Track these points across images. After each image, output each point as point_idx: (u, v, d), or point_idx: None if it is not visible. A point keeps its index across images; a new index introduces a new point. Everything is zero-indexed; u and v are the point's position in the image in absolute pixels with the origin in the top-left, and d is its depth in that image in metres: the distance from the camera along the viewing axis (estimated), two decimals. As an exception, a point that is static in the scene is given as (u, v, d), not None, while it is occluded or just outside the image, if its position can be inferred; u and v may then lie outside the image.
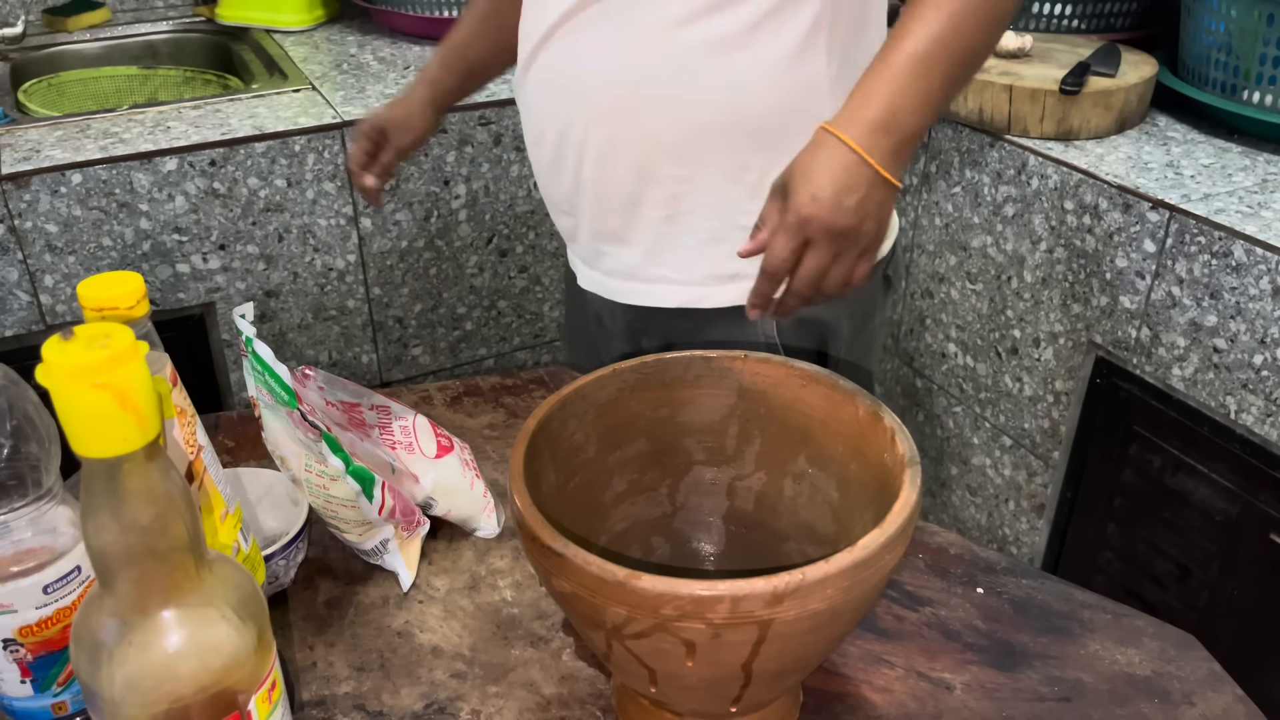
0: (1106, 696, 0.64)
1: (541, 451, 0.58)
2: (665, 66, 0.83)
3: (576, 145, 0.88)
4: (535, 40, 0.88)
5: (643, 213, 0.90)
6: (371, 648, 0.68)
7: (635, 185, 0.88)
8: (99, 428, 0.39)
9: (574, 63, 0.86)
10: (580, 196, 0.92)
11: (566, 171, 0.91)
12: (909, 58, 0.73)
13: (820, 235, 0.72)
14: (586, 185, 0.90)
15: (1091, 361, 1.35)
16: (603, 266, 0.96)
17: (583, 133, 0.87)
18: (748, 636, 0.48)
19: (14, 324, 1.35)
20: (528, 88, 0.92)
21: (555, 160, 0.92)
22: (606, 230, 0.93)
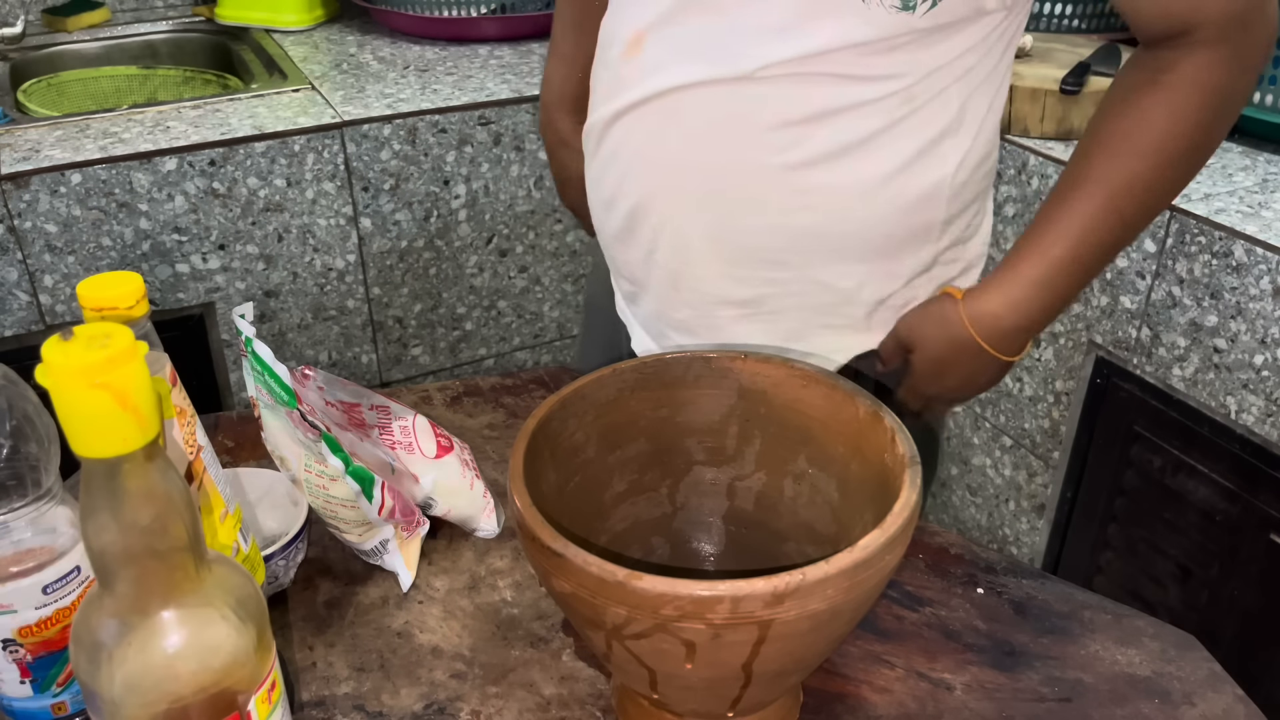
0: (1106, 696, 0.64)
1: (541, 451, 0.58)
2: (768, 168, 0.74)
3: (653, 228, 0.80)
4: (626, 100, 0.77)
5: (719, 311, 0.82)
6: (371, 648, 0.68)
7: (716, 285, 0.80)
8: (99, 428, 0.39)
9: (666, 142, 0.76)
10: (650, 276, 0.84)
11: (638, 248, 0.83)
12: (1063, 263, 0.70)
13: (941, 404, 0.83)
14: (659, 268, 0.82)
15: (1091, 361, 1.35)
16: (664, 344, 0.88)
17: (661, 219, 0.79)
18: (748, 637, 0.48)
19: (14, 324, 1.35)
20: (605, 148, 0.82)
21: (627, 232, 0.83)
22: (676, 319, 0.85)
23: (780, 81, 0.70)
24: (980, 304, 0.73)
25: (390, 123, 1.46)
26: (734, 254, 0.79)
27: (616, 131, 0.80)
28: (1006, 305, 0.72)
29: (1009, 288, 0.72)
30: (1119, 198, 0.69)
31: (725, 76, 0.71)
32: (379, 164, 1.48)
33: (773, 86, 0.71)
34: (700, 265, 0.80)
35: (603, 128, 0.81)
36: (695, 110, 0.74)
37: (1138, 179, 0.69)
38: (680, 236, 0.79)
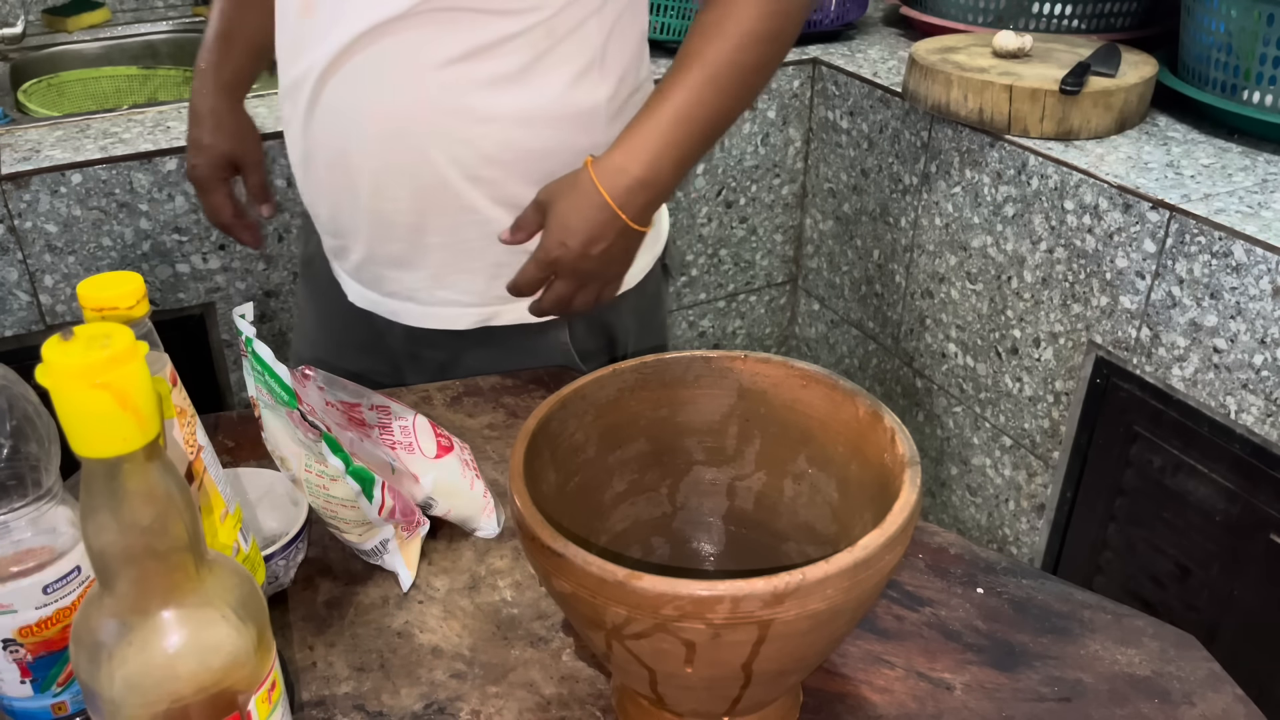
0: (1106, 696, 0.64)
1: (541, 451, 0.58)
2: (440, 104, 0.83)
3: (349, 175, 0.87)
4: (302, 73, 0.85)
5: (427, 240, 0.89)
6: (371, 648, 0.68)
7: (417, 216, 0.88)
8: (99, 428, 0.39)
9: (349, 98, 0.84)
10: (355, 222, 0.90)
11: (342, 198, 0.89)
12: (673, 121, 0.81)
13: (566, 273, 0.83)
14: (363, 214, 0.89)
15: (1091, 361, 1.35)
16: (383, 289, 0.95)
17: (359, 164, 0.86)
18: (748, 636, 0.48)
19: (14, 324, 1.35)
20: (299, 106, 0.88)
21: (330, 185, 0.90)
22: (388, 255, 0.91)
23: (436, 18, 0.79)
24: (606, 161, 0.81)
25: (390, 123, 1.46)
26: (426, 186, 0.86)
27: (307, 88, 0.85)
28: (628, 158, 0.80)
29: (630, 146, 0.81)
30: (714, 69, 0.80)
31: (389, 18, 0.79)
32: (379, 164, 1.48)
33: (431, 25, 0.80)
34: (401, 200, 0.87)
35: (293, 87, 0.87)
36: (374, 56, 0.82)
37: (728, 56, 0.80)
38: (375, 178, 0.86)
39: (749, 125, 1.78)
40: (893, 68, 1.72)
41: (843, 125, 1.75)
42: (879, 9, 2.09)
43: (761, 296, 1.98)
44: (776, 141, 1.82)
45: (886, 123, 1.64)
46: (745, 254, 1.91)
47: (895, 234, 1.67)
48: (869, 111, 1.67)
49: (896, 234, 1.67)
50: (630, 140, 0.81)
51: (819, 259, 1.91)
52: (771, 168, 1.84)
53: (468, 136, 0.84)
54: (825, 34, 1.86)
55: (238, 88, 1.04)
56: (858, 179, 1.74)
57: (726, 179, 1.80)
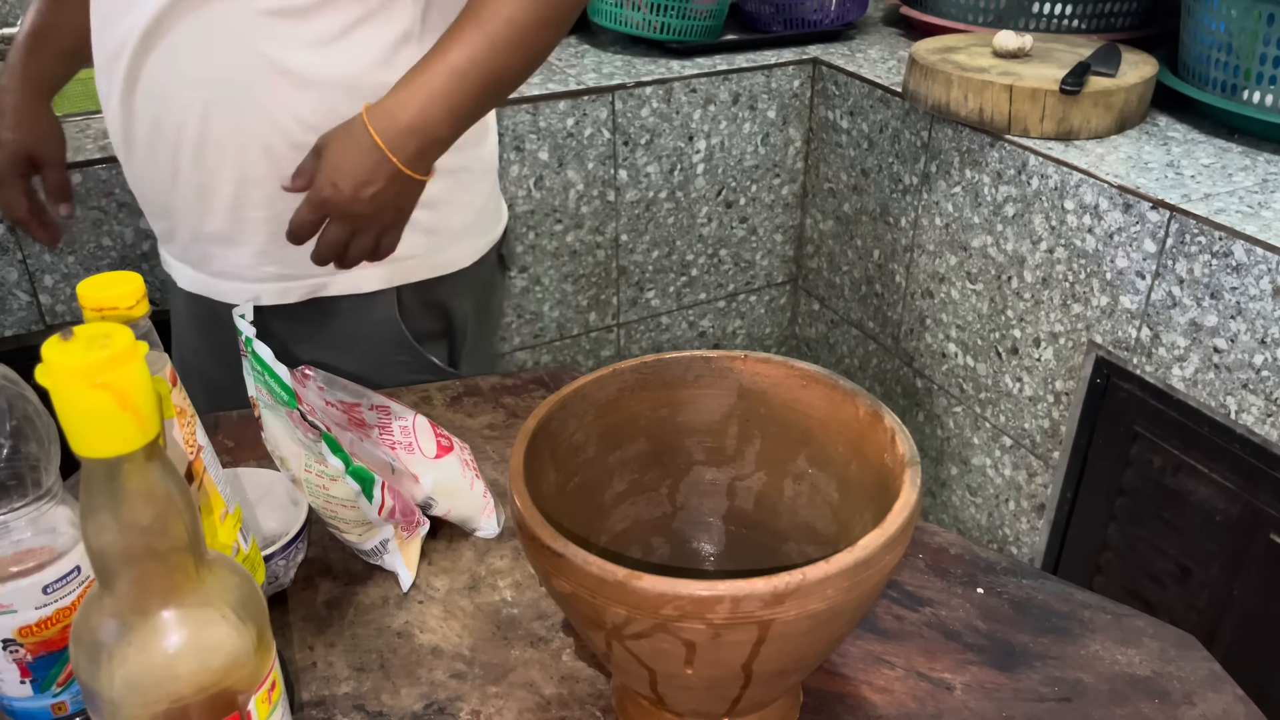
0: (1106, 696, 0.64)
1: (541, 451, 0.58)
2: (261, 68, 0.83)
3: (171, 148, 0.87)
4: (118, 45, 0.85)
5: (249, 214, 0.89)
6: (371, 648, 0.68)
7: (237, 188, 0.88)
8: (99, 428, 0.39)
9: (168, 68, 0.84)
10: (178, 198, 0.90)
11: (161, 174, 0.89)
12: (446, 72, 0.81)
13: (338, 216, 0.81)
14: (186, 188, 0.89)
15: (1091, 361, 1.35)
16: (210, 268, 0.94)
17: (176, 136, 0.86)
18: (748, 637, 0.48)
19: (14, 324, 1.35)
20: (115, 94, 0.88)
21: (149, 162, 0.90)
22: (212, 232, 0.91)
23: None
24: (379, 106, 0.81)
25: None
26: (244, 156, 0.86)
27: (124, 62, 0.85)
28: (400, 104, 0.81)
29: (403, 92, 0.81)
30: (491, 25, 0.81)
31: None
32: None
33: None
34: (221, 171, 0.87)
35: (108, 63, 0.87)
36: (192, 22, 0.82)
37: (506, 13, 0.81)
38: (194, 150, 0.86)
39: (749, 125, 1.78)
40: (893, 68, 1.72)
41: (843, 125, 1.75)
42: (879, 9, 2.09)
43: (761, 296, 1.98)
44: (776, 141, 1.82)
45: (886, 123, 1.64)
46: (745, 254, 1.91)
47: (895, 234, 1.67)
48: (869, 111, 1.67)
49: (896, 234, 1.67)
50: (404, 87, 0.81)
51: (819, 259, 1.91)
52: (771, 168, 1.84)
53: (289, 102, 0.85)
54: (825, 34, 1.86)
55: (45, 86, 1.03)
56: (858, 179, 1.74)
57: (726, 179, 1.81)
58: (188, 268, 0.97)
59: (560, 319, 1.78)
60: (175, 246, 0.96)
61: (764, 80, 1.75)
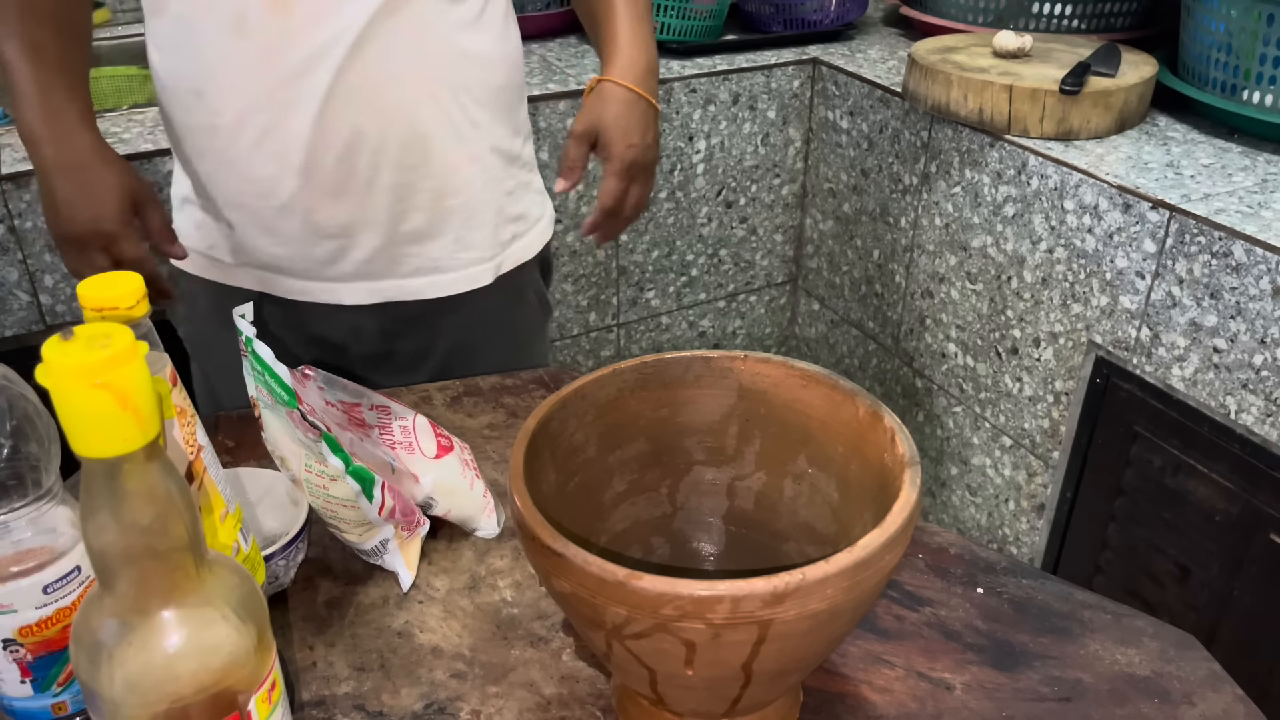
0: (1106, 696, 0.64)
1: (541, 451, 0.58)
2: (449, 60, 0.88)
3: (372, 154, 0.86)
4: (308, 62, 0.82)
5: (447, 203, 0.93)
6: (371, 648, 0.68)
7: (440, 180, 0.91)
8: (99, 428, 0.39)
9: (371, 75, 0.84)
10: (371, 207, 0.89)
11: (356, 185, 0.88)
12: (637, 17, 0.94)
13: (641, 172, 0.93)
14: (382, 193, 0.89)
15: (1091, 361, 1.35)
16: (400, 271, 0.94)
17: (379, 139, 0.86)
18: (748, 636, 0.48)
19: (14, 324, 1.35)
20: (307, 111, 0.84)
21: (339, 175, 0.87)
22: (410, 232, 0.92)
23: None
24: (615, 67, 0.93)
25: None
26: (447, 148, 0.91)
27: (321, 81, 0.83)
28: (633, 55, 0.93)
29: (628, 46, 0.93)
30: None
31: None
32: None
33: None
34: (427, 167, 0.90)
35: (292, 82, 0.83)
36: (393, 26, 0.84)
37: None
38: (404, 150, 0.88)
39: (749, 125, 1.78)
40: (893, 68, 1.72)
41: (843, 125, 1.75)
42: (879, 9, 2.09)
43: (761, 296, 1.98)
44: (776, 141, 1.82)
45: (886, 123, 1.64)
46: (745, 254, 1.91)
47: (895, 234, 1.67)
48: (869, 111, 1.67)
49: (896, 234, 1.67)
50: (626, 40, 0.92)
51: (819, 259, 1.91)
52: (771, 168, 1.84)
53: (467, 82, 0.90)
54: (825, 34, 1.86)
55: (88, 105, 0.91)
56: (858, 179, 1.74)
57: (726, 179, 1.81)
58: (364, 283, 0.94)
59: (560, 319, 1.78)
60: (345, 266, 0.92)
61: (764, 80, 1.75)
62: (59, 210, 0.84)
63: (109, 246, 0.86)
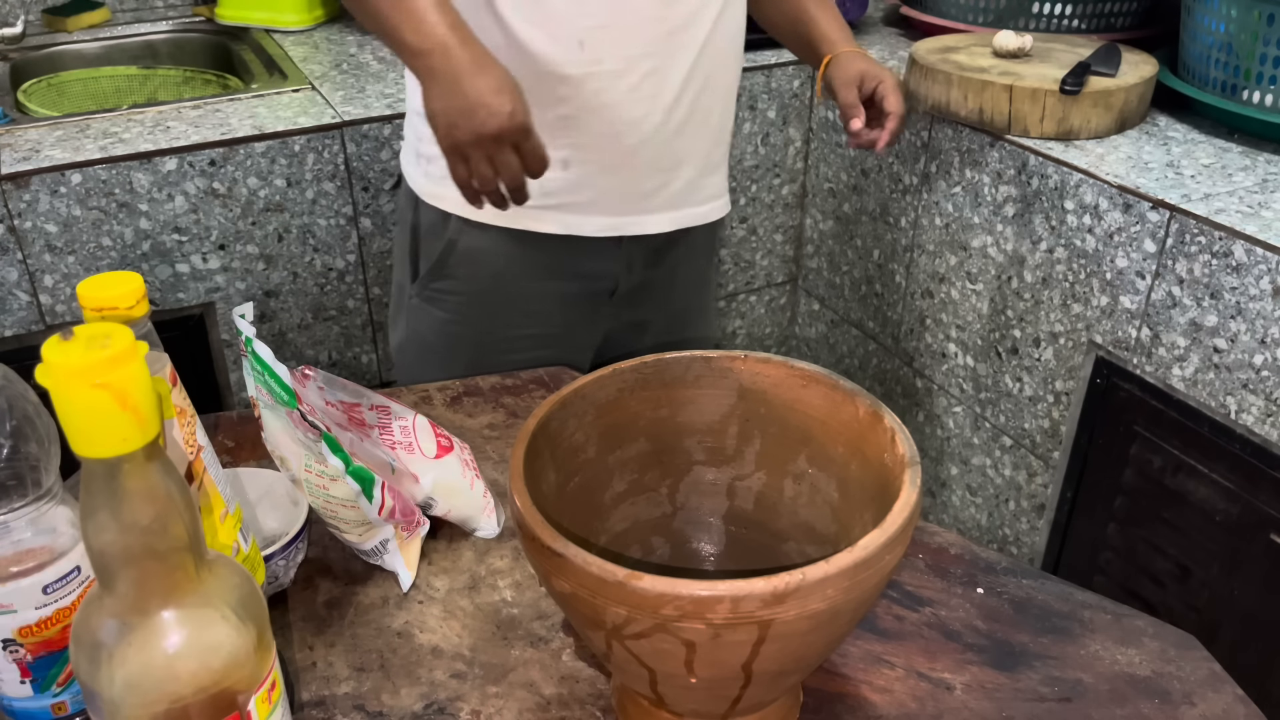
0: (1106, 696, 0.64)
1: (541, 451, 0.58)
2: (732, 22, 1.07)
3: (711, 96, 1.05)
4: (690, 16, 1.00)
5: (730, 139, 1.14)
6: (371, 648, 0.68)
7: (731, 119, 1.13)
8: (99, 428, 0.39)
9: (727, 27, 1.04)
10: (699, 142, 1.07)
11: (698, 126, 1.05)
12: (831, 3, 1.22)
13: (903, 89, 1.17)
14: (713, 131, 1.09)
15: (1091, 361, 1.35)
16: (696, 199, 1.11)
17: (717, 83, 1.06)
18: (748, 636, 0.48)
19: (14, 324, 1.35)
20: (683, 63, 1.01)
21: (694, 116, 1.04)
22: (712, 162, 1.11)
23: None
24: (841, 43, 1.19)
25: (390, 123, 1.46)
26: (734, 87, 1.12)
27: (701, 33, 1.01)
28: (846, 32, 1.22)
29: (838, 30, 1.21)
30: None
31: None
32: (379, 164, 1.48)
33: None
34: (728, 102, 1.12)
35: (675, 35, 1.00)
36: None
37: None
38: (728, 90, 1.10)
39: (749, 125, 1.78)
40: (893, 68, 1.72)
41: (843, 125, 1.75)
42: (879, 9, 2.09)
43: (761, 296, 1.98)
44: (776, 141, 1.82)
45: (886, 123, 1.64)
46: (745, 254, 1.91)
47: (895, 234, 1.67)
48: (869, 111, 1.67)
49: (896, 234, 1.67)
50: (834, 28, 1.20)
51: (819, 259, 1.91)
52: (771, 168, 1.84)
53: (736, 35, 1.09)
54: (825, 34, 1.86)
55: None
56: (858, 179, 1.74)
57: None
58: (670, 212, 1.09)
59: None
60: (662, 198, 1.07)
61: (764, 80, 1.75)
62: (472, 114, 0.85)
63: (522, 139, 0.87)
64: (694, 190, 1.10)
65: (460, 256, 1.08)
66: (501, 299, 1.10)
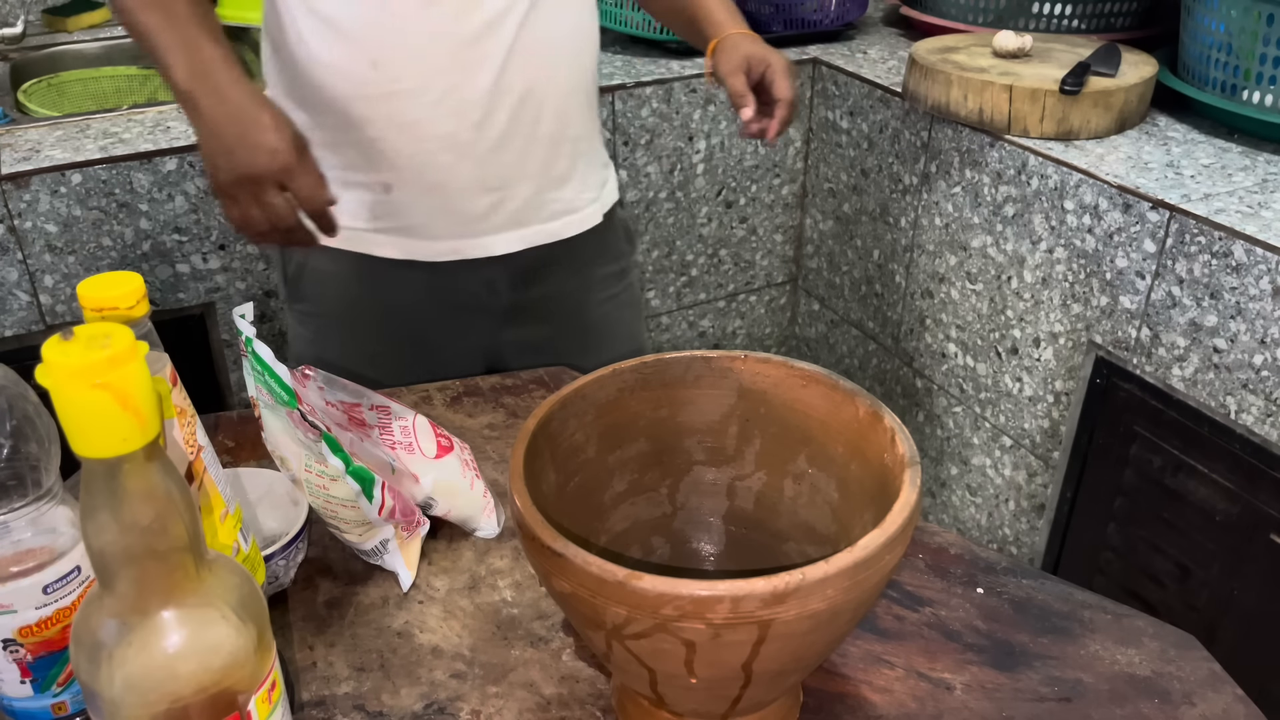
0: (1106, 696, 0.64)
1: (541, 451, 0.58)
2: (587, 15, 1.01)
3: (538, 105, 0.97)
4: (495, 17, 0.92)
5: (580, 146, 1.04)
6: (371, 648, 0.68)
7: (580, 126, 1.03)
8: (99, 428, 0.39)
9: (544, 29, 0.95)
10: (532, 156, 0.99)
11: (523, 135, 0.97)
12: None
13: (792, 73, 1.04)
14: (541, 143, 0.99)
15: (1091, 361, 1.35)
16: (543, 215, 1.03)
17: (545, 90, 0.97)
18: (748, 636, 0.48)
19: (14, 324, 1.35)
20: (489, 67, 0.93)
21: (512, 128, 0.97)
22: (556, 176, 1.03)
23: None
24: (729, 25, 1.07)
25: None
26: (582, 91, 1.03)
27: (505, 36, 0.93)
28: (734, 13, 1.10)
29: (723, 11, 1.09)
30: None
31: None
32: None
33: None
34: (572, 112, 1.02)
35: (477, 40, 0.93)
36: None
37: None
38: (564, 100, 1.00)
39: (749, 125, 1.78)
40: (893, 68, 1.72)
41: (843, 125, 1.75)
42: (879, 9, 2.09)
43: (761, 296, 1.98)
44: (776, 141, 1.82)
45: (886, 123, 1.64)
46: (745, 254, 1.91)
47: (895, 234, 1.67)
48: (869, 111, 1.67)
49: (896, 234, 1.67)
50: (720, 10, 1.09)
51: (819, 259, 1.91)
52: (771, 168, 1.84)
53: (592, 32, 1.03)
54: (825, 34, 1.86)
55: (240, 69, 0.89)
56: (858, 179, 1.74)
57: (726, 179, 1.80)
58: (514, 231, 1.03)
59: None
60: (498, 218, 1.01)
61: (764, 80, 1.75)
62: (232, 155, 0.83)
63: (288, 179, 0.84)
64: (538, 208, 1.02)
65: (310, 278, 1.05)
66: (358, 322, 1.05)
